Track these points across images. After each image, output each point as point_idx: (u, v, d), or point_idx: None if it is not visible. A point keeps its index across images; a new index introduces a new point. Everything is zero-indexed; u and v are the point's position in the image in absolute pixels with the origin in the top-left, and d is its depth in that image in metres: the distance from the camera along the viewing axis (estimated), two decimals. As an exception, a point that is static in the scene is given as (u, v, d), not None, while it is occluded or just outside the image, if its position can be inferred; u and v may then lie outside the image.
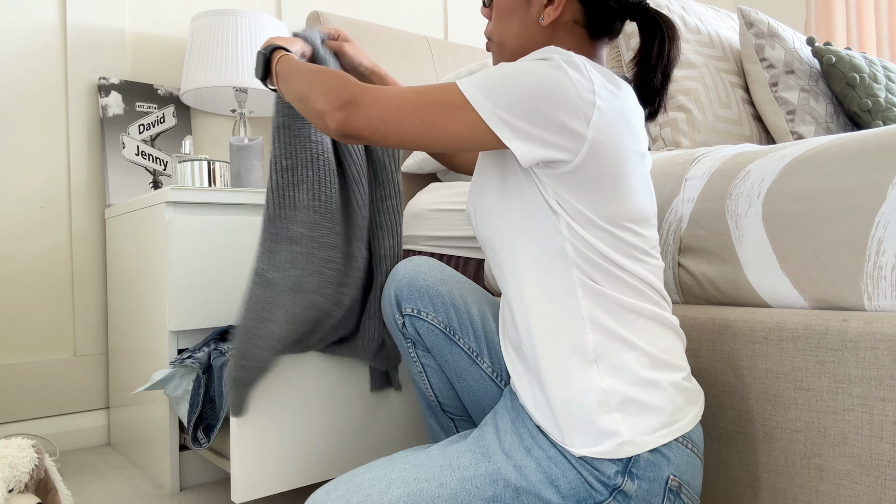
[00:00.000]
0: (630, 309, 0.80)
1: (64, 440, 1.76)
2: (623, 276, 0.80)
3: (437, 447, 0.85)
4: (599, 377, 0.77)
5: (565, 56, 0.78)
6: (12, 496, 1.03)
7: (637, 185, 0.83)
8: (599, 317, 0.79)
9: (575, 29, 0.88)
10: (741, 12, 1.68)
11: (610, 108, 0.79)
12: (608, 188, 0.80)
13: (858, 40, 2.91)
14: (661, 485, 0.76)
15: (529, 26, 0.88)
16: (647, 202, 0.85)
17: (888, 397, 0.79)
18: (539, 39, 0.89)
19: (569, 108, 0.76)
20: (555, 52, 0.79)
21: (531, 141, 0.76)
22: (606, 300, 0.79)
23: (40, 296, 1.76)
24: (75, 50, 1.81)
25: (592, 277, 0.80)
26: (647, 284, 0.82)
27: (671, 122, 1.54)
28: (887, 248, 0.83)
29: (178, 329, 1.35)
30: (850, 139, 0.91)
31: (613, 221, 0.80)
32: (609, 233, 0.80)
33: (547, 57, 0.78)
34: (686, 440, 0.79)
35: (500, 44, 0.92)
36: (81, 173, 1.81)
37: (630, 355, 0.78)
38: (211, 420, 1.25)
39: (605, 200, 0.80)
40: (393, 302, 1.02)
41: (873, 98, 1.58)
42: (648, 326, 0.81)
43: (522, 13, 0.89)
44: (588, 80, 0.77)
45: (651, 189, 0.87)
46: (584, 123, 0.77)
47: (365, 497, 0.78)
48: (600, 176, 0.79)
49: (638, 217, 0.83)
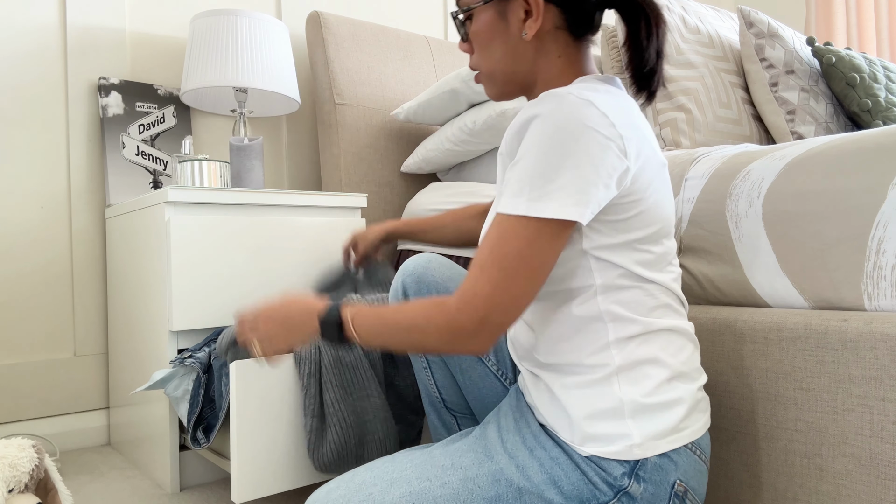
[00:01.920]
0: (654, 328, 0.79)
1: (64, 440, 1.76)
2: (649, 287, 0.80)
3: (438, 446, 0.85)
4: (619, 388, 0.77)
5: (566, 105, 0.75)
6: (12, 496, 1.03)
7: (667, 197, 0.83)
8: (623, 339, 0.79)
9: (558, 34, 0.85)
10: (741, 12, 1.68)
11: (627, 129, 0.77)
12: (644, 209, 0.79)
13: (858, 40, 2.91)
14: (667, 489, 0.76)
15: (514, 45, 0.85)
16: (671, 212, 0.84)
17: (888, 397, 0.79)
18: (526, 55, 0.86)
19: (609, 157, 0.74)
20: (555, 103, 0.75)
21: (595, 204, 0.74)
22: (632, 324, 0.79)
23: (40, 296, 1.76)
24: (75, 50, 1.81)
25: (619, 300, 0.79)
26: (670, 293, 0.82)
27: (671, 122, 1.54)
28: (887, 248, 0.83)
29: (179, 329, 1.35)
30: (849, 139, 0.91)
31: (648, 240, 0.80)
32: (644, 251, 0.80)
33: (552, 116, 0.74)
34: (695, 447, 0.79)
35: (490, 73, 0.89)
36: (81, 173, 1.81)
37: (651, 369, 0.78)
38: (211, 420, 1.25)
39: (642, 224, 0.79)
40: (401, 297, 1.03)
41: (873, 98, 1.58)
42: (670, 339, 0.80)
43: (503, 35, 0.86)
44: (602, 113, 0.75)
45: (672, 198, 0.86)
46: (625, 158, 0.75)
47: (366, 496, 0.78)
48: (637, 201, 0.78)
49: (667, 230, 0.82)
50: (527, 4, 0.83)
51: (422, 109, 1.83)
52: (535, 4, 0.82)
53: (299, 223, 1.51)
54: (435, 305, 0.76)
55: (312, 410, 1.10)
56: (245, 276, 1.43)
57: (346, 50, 1.99)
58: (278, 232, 1.47)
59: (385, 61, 2.08)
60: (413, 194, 2.06)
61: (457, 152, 1.79)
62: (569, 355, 0.80)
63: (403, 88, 2.09)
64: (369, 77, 2.02)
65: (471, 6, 0.87)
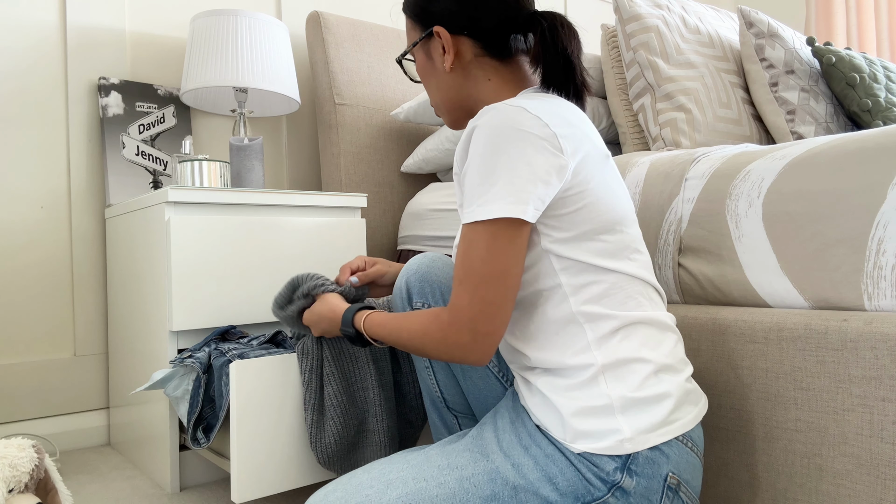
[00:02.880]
0: (631, 321, 0.81)
1: (64, 440, 1.76)
2: (614, 278, 0.81)
3: (435, 447, 0.86)
4: (606, 385, 0.78)
5: (499, 113, 0.79)
6: (12, 496, 1.03)
7: (615, 188, 0.85)
8: (602, 337, 0.80)
9: (482, 61, 0.92)
10: (741, 12, 1.68)
11: (562, 127, 0.80)
12: (591, 201, 0.81)
13: (858, 40, 2.91)
14: (659, 482, 0.76)
15: (444, 79, 0.94)
16: (625, 202, 0.87)
17: (888, 397, 0.79)
18: (455, 83, 0.94)
19: (545, 155, 0.77)
20: (490, 114, 0.80)
21: (537, 201, 0.78)
22: (608, 320, 0.80)
23: (40, 296, 1.76)
24: (75, 50, 1.81)
25: (590, 298, 0.81)
26: (639, 281, 0.84)
27: (671, 122, 1.54)
28: (887, 248, 0.83)
29: (179, 329, 1.35)
30: (849, 139, 0.91)
31: (601, 230, 0.82)
32: (599, 241, 0.82)
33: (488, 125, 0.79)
34: (686, 439, 0.79)
35: (436, 106, 0.99)
36: (81, 173, 1.81)
37: (635, 364, 0.79)
38: (211, 420, 1.25)
39: (591, 215, 0.81)
40: (404, 295, 1.03)
41: (873, 98, 1.58)
42: (649, 333, 0.82)
43: (433, 72, 0.96)
44: (534, 116, 0.79)
45: (624, 187, 0.90)
46: (561, 155, 0.79)
47: (364, 498, 0.79)
48: (581, 193, 0.81)
49: (621, 218, 0.84)
50: (441, 41, 0.92)
51: (422, 109, 1.83)
52: (446, 40, 0.91)
53: (299, 223, 1.51)
54: (432, 319, 0.81)
55: (313, 405, 1.10)
56: (245, 276, 1.43)
57: (346, 50, 1.99)
58: (278, 232, 1.47)
59: (385, 61, 2.08)
60: (413, 194, 2.06)
61: (457, 152, 1.79)
62: (552, 359, 0.82)
63: (403, 88, 2.09)
64: (369, 77, 2.02)
65: (406, 50, 0.99)
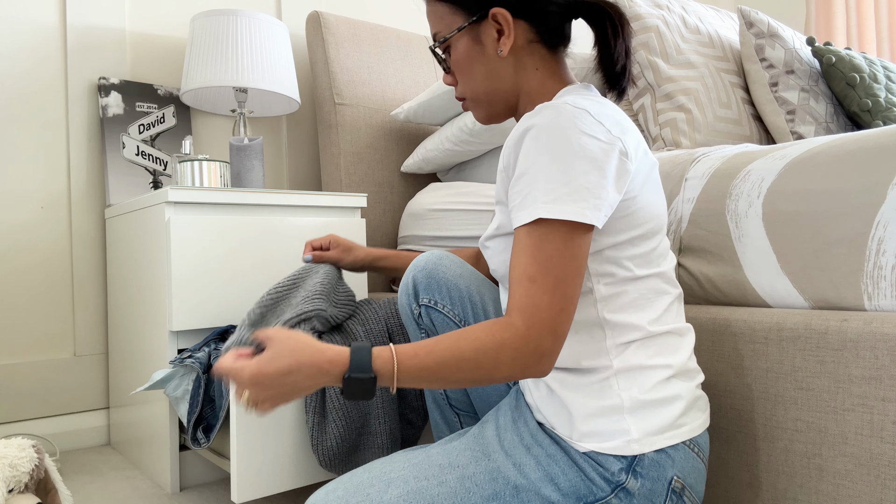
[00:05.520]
0: (652, 332, 0.80)
1: (64, 440, 1.76)
2: (647, 289, 0.81)
3: (436, 446, 0.85)
4: (618, 387, 0.78)
5: (564, 114, 0.75)
6: (12, 496, 1.03)
7: (658, 195, 0.85)
8: (621, 345, 0.80)
9: (533, 48, 0.88)
10: (741, 12, 1.68)
11: (624, 133, 0.78)
12: (637, 208, 0.80)
13: (858, 40, 2.91)
14: (664, 485, 0.76)
15: (493, 65, 0.88)
16: (664, 209, 0.86)
17: (888, 397, 0.79)
18: (506, 72, 0.88)
19: (613, 161, 0.75)
20: (552, 113, 0.75)
21: (607, 208, 0.75)
22: (631, 331, 0.80)
23: (40, 296, 1.76)
24: (75, 50, 1.81)
25: (618, 307, 0.80)
26: (669, 286, 0.83)
27: (671, 122, 1.54)
28: (887, 248, 0.83)
29: (178, 329, 1.35)
30: (849, 139, 0.91)
31: (642, 237, 0.81)
32: (637, 247, 0.81)
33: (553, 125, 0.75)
34: (693, 444, 0.79)
35: (475, 97, 0.91)
36: (81, 173, 1.81)
37: (651, 371, 0.79)
38: (211, 420, 1.25)
39: (636, 222, 0.80)
40: (410, 291, 1.03)
41: (873, 98, 1.58)
42: (668, 340, 0.81)
43: (481, 57, 0.88)
44: (597, 121, 0.76)
45: (663, 195, 0.88)
46: (628, 160, 0.77)
47: (364, 497, 0.78)
48: (632, 199, 0.79)
49: (660, 226, 0.84)
50: (497, 24, 0.86)
51: (422, 109, 1.83)
52: (505, 22, 0.85)
53: (299, 223, 1.51)
54: (503, 327, 0.71)
55: (314, 408, 1.10)
56: (245, 276, 1.43)
57: (346, 50, 1.99)
58: (278, 232, 1.47)
59: (385, 61, 2.08)
60: (413, 194, 2.05)
61: (457, 152, 1.79)
62: (567, 358, 0.81)
63: (403, 88, 2.09)
64: (369, 77, 2.02)
65: (446, 37, 0.90)
